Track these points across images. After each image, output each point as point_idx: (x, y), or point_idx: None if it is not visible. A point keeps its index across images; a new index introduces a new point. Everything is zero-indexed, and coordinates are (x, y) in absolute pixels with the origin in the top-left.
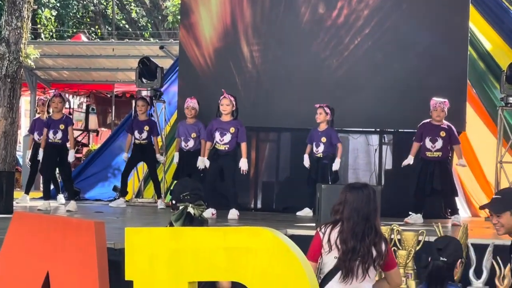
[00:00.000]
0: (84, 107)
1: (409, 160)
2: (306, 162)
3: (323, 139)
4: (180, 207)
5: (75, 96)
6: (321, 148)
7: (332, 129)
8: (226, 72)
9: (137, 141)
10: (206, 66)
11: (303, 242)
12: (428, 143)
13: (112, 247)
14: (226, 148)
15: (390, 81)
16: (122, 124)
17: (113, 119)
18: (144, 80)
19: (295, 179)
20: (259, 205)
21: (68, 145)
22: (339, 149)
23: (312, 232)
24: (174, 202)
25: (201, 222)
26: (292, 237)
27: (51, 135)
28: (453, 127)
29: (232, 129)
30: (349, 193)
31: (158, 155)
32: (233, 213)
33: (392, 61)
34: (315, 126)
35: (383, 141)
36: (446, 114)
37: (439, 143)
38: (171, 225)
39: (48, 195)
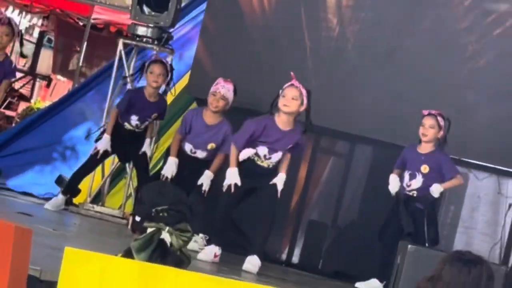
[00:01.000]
0: (36, 34)
1: None
2: (394, 186)
3: (425, 168)
4: (149, 230)
5: (24, 14)
6: (418, 182)
7: (445, 154)
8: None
9: (128, 126)
10: (260, 12)
11: None
12: None
13: (36, 276)
14: (271, 166)
15: None
16: (96, 76)
17: (80, 64)
18: (145, 10)
19: (366, 227)
20: (295, 259)
21: None
22: (454, 182)
23: None
24: (138, 218)
25: (179, 260)
26: None
27: None
28: None
29: (289, 147)
30: (448, 267)
31: (147, 142)
32: (253, 262)
33: None
34: (413, 144)
35: None
36: None
37: None
38: (127, 255)
39: None
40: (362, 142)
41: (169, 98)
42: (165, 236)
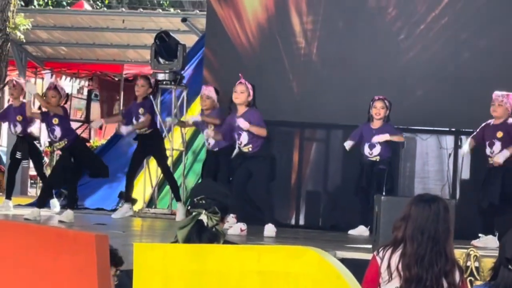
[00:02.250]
0: (85, 93)
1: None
2: (348, 143)
3: (380, 139)
4: (193, 214)
5: (74, 79)
6: (377, 150)
7: (390, 124)
8: (271, 53)
9: (137, 131)
10: (248, 44)
11: (356, 268)
12: (486, 149)
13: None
14: (250, 149)
15: (473, 67)
16: None
17: (121, 108)
18: (161, 61)
19: (348, 189)
20: (301, 221)
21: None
22: (398, 138)
23: (368, 256)
24: (188, 208)
25: (214, 235)
26: (343, 260)
27: (50, 135)
28: None
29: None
30: (414, 207)
31: (122, 127)
32: (270, 229)
33: (478, 41)
34: (366, 122)
35: (459, 143)
36: (510, 111)
37: (496, 147)
38: (176, 241)
39: (44, 203)
40: (335, 128)
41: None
42: (203, 217)
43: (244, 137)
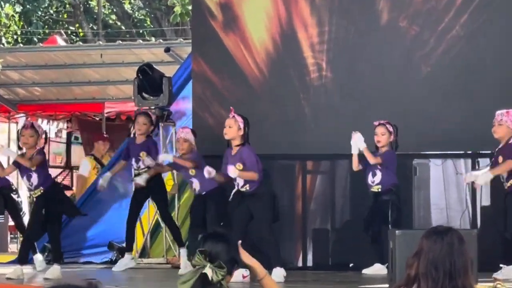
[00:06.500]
0: (64, 136)
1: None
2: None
3: (381, 165)
4: (196, 267)
5: (51, 122)
6: (378, 177)
7: (392, 151)
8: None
9: (135, 172)
10: (259, 73)
11: None
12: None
13: None
14: (248, 188)
15: (493, 82)
16: (118, 155)
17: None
18: (145, 96)
19: (357, 224)
20: (309, 262)
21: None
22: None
23: None
24: (191, 261)
25: None
26: None
27: (25, 181)
28: None
29: (238, 165)
30: (426, 240)
31: (144, 176)
32: (278, 274)
33: (501, 55)
34: (374, 151)
35: (477, 167)
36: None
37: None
38: None
39: (25, 258)
40: (340, 158)
41: None
42: (207, 271)
43: (240, 178)
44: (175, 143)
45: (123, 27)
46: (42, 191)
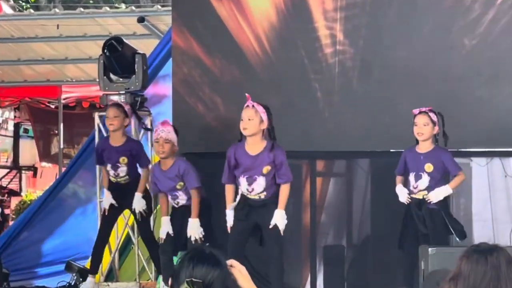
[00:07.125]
0: (11, 127)
1: None
2: (403, 195)
3: (429, 167)
4: None
5: None
6: (425, 181)
7: (445, 151)
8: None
9: (112, 179)
10: (259, 48)
11: None
12: None
13: None
14: (262, 197)
15: None
16: (80, 154)
17: (61, 146)
18: (113, 78)
19: (380, 239)
20: (319, 286)
21: None
22: (457, 180)
23: None
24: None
25: None
26: None
27: None
28: None
29: (266, 169)
30: (465, 261)
31: (137, 196)
32: None
33: None
34: (411, 146)
35: None
36: None
37: None
38: None
39: None
40: (359, 156)
41: (156, 158)
42: None
43: (260, 183)
44: (153, 144)
45: None
46: None
